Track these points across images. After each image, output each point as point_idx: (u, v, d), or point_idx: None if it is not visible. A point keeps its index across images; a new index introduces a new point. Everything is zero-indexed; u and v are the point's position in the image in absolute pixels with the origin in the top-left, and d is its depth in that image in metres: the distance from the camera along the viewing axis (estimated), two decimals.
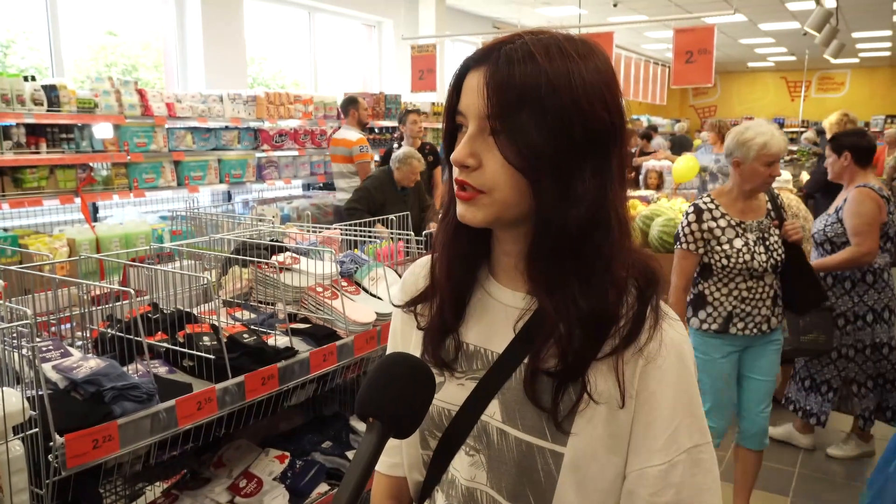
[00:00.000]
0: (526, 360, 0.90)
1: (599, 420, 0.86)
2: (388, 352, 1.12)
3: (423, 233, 2.69)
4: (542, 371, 0.87)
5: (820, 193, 5.99)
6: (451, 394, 0.96)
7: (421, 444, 0.99)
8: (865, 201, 3.49)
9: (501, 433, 0.91)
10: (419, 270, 1.07)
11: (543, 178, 0.83)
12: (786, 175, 4.43)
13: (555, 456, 0.87)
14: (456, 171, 0.87)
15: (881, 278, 3.62)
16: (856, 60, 18.75)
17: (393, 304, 1.08)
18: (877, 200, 3.50)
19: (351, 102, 6.19)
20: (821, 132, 12.64)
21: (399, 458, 1.05)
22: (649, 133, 10.84)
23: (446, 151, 0.93)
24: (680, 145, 11.21)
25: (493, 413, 0.92)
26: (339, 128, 6.28)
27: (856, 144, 3.61)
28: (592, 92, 0.83)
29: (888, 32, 14.05)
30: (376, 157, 7.72)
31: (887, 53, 17.42)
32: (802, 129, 16.64)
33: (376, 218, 3.09)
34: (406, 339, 1.07)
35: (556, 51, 0.83)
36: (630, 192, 6.54)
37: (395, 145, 6.59)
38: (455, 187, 0.89)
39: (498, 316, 0.95)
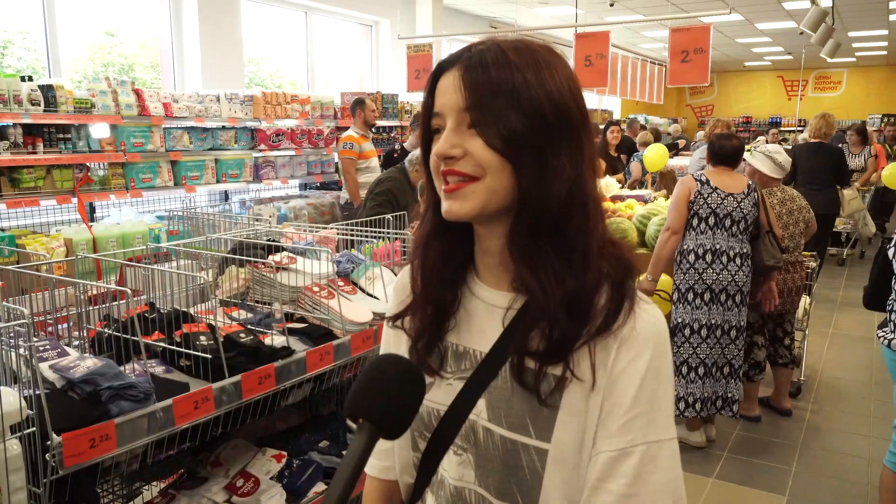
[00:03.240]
0: (514, 352, 0.91)
1: (579, 409, 0.87)
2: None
3: None
4: (527, 354, 0.89)
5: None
6: (439, 394, 0.97)
7: (411, 446, 0.99)
8: (679, 185, 3.87)
9: (487, 432, 0.92)
10: (409, 277, 1.08)
11: (524, 158, 0.86)
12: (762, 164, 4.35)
13: (539, 453, 0.88)
14: (441, 165, 0.89)
15: (686, 259, 3.78)
16: (852, 59, 18.78)
17: (384, 320, 1.09)
18: (687, 183, 3.82)
19: (357, 103, 6.38)
20: None
21: (391, 462, 1.06)
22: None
23: (424, 154, 0.95)
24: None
25: (479, 412, 0.93)
26: (349, 128, 6.47)
27: (711, 148, 3.94)
28: (561, 83, 0.88)
29: (884, 32, 14.07)
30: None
31: (883, 52, 17.44)
32: (799, 129, 16.68)
33: (374, 217, 3.08)
34: (398, 344, 1.08)
35: (525, 49, 0.88)
36: (628, 192, 6.59)
37: (398, 146, 6.60)
38: (440, 184, 0.91)
39: (484, 316, 0.96)
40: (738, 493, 3.55)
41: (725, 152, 3.84)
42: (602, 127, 8.75)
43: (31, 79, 4.40)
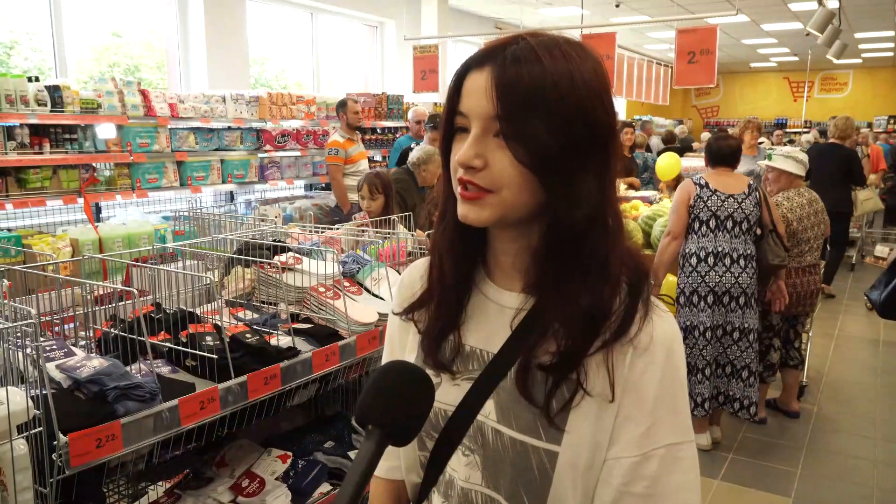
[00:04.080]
0: (519, 357, 0.90)
1: (592, 415, 0.87)
2: (384, 357, 1.13)
3: (426, 233, 2.69)
4: (536, 366, 0.88)
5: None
6: (447, 394, 0.96)
7: (418, 446, 0.99)
8: (679, 190, 3.88)
9: (496, 433, 0.91)
10: (416, 273, 1.07)
11: (552, 178, 0.84)
12: (788, 164, 4.35)
13: (550, 455, 0.87)
14: (460, 171, 0.88)
15: (688, 262, 3.78)
16: (858, 61, 18.71)
17: (392, 313, 1.08)
18: (686, 187, 3.82)
19: (339, 105, 6.22)
20: (823, 132, 12.63)
21: (397, 462, 1.05)
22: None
23: (443, 152, 0.94)
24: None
25: (488, 413, 0.92)
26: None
27: (708, 148, 3.97)
28: (592, 93, 0.85)
29: (891, 33, 14.02)
30: (378, 158, 7.72)
31: (890, 54, 17.37)
32: (805, 130, 16.63)
33: (379, 218, 3.09)
34: (402, 342, 1.07)
35: (559, 52, 0.84)
36: (632, 193, 6.54)
37: (413, 144, 6.55)
38: (458, 187, 0.89)
39: (494, 316, 0.96)
40: (743, 494, 3.54)
41: (723, 152, 3.84)
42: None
43: (37, 79, 4.42)
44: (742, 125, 6.31)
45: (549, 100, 0.82)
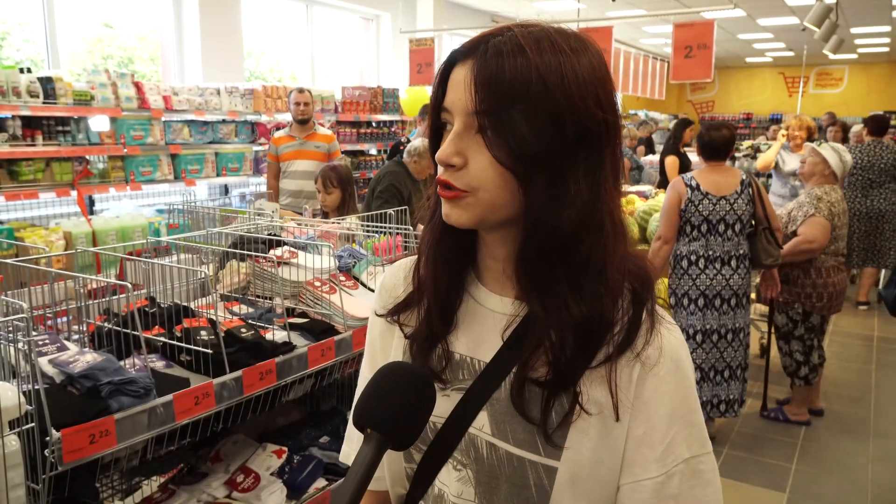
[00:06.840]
0: (514, 370, 0.85)
1: (594, 431, 0.83)
2: (364, 361, 1.07)
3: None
4: (531, 381, 0.84)
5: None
6: (436, 405, 0.88)
7: (405, 457, 0.94)
8: (669, 191, 3.75)
9: (491, 447, 0.87)
10: (400, 273, 1.02)
11: (534, 178, 0.79)
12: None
13: (548, 471, 0.83)
14: (440, 169, 0.83)
15: (679, 265, 3.74)
16: (854, 56, 18.73)
17: (375, 314, 1.02)
18: (676, 189, 3.69)
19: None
20: (818, 128, 12.62)
21: (382, 472, 0.99)
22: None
23: (431, 149, 0.89)
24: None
25: (481, 426, 0.88)
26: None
27: (700, 140, 3.80)
28: (585, 88, 0.79)
29: (887, 28, 14.03)
30: (373, 152, 7.71)
31: (886, 49, 17.40)
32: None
33: (373, 213, 3.07)
34: (385, 346, 1.02)
35: (548, 44, 0.79)
36: (627, 188, 6.53)
37: (404, 139, 6.52)
38: (438, 186, 0.84)
39: (485, 323, 0.91)
40: (738, 489, 3.54)
41: (717, 144, 3.70)
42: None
43: (30, 71, 4.38)
44: (787, 123, 6.16)
45: (534, 95, 0.77)
